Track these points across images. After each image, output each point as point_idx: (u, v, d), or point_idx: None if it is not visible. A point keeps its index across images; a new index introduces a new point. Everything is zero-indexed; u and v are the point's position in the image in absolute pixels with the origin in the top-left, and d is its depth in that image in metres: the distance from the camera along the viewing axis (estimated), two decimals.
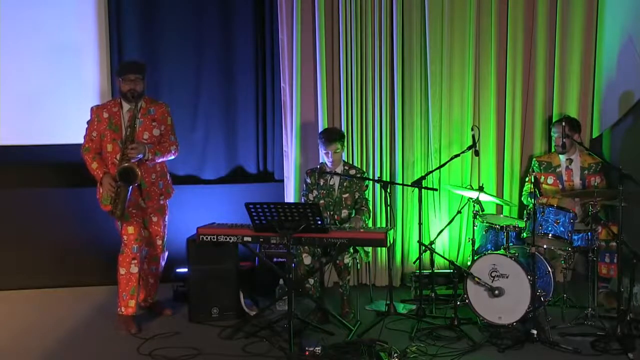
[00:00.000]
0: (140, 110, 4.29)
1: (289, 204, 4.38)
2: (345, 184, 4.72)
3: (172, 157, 4.48)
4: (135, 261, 4.28)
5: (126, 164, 4.13)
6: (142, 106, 4.31)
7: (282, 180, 5.46)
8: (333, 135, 4.67)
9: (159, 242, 4.50)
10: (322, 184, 4.73)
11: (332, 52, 5.33)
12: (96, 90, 5.50)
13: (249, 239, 4.18)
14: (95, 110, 4.33)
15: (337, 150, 4.64)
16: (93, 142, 4.30)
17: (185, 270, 4.71)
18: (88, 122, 4.35)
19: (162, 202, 4.48)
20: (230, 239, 4.21)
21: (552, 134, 5.13)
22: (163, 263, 4.63)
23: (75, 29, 5.47)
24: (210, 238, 4.23)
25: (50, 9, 5.43)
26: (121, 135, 4.25)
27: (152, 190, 4.37)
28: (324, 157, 4.71)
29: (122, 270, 4.29)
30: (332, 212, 4.69)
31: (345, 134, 5.28)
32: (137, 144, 4.19)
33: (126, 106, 4.30)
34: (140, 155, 4.20)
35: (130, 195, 4.21)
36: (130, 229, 4.27)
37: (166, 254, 4.61)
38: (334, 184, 4.73)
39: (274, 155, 5.73)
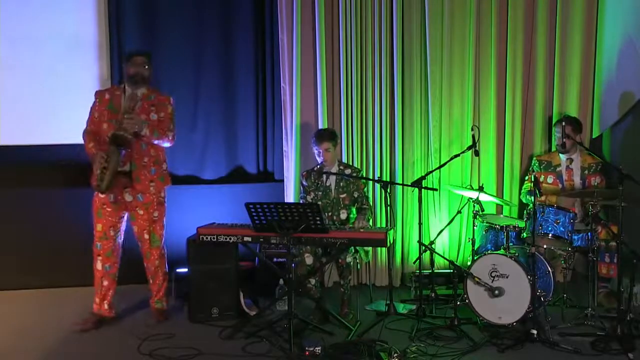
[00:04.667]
0: (142, 96, 4.32)
1: (289, 204, 4.38)
2: (341, 184, 4.72)
3: (168, 143, 4.44)
4: (100, 258, 4.35)
5: (119, 133, 4.16)
6: (144, 92, 4.36)
7: (282, 180, 5.46)
8: (324, 135, 4.70)
9: (146, 237, 4.42)
10: (319, 184, 4.73)
11: (332, 52, 5.33)
12: (97, 89, 5.49)
13: (249, 239, 4.18)
14: (99, 93, 4.41)
15: (329, 150, 4.65)
16: (94, 124, 4.33)
17: (185, 270, 4.70)
18: (91, 106, 4.39)
19: (152, 189, 4.38)
20: (230, 239, 4.20)
21: (554, 133, 5.14)
22: (162, 262, 4.52)
23: (76, 29, 5.47)
24: (210, 238, 4.22)
25: (51, 8, 5.42)
26: (118, 116, 4.24)
27: (142, 173, 4.32)
28: (317, 156, 4.73)
29: (93, 265, 4.40)
30: (330, 214, 4.69)
31: (345, 134, 5.31)
32: (134, 115, 4.21)
33: (129, 90, 4.34)
34: (136, 127, 4.19)
35: (117, 183, 4.19)
36: (99, 226, 4.34)
37: (162, 251, 4.52)
38: (331, 184, 4.74)
39: (274, 155, 5.73)
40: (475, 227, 4.67)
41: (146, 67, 4.35)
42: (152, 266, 4.50)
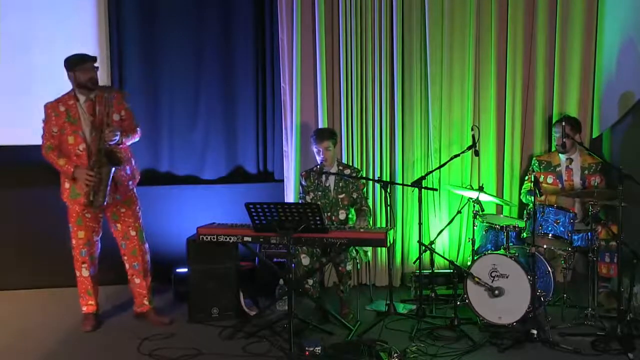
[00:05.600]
0: (97, 98, 4.25)
1: (289, 204, 4.39)
2: (340, 184, 4.72)
3: (137, 138, 4.43)
4: (86, 265, 4.35)
5: (108, 147, 4.13)
6: (97, 95, 4.27)
7: (282, 180, 5.46)
8: (324, 134, 4.70)
9: (133, 233, 4.40)
10: (318, 185, 4.73)
11: (332, 52, 5.33)
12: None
13: (249, 239, 4.18)
14: (50, 107, 4.25)
15: (329, 149, 4.66)
16: (54, 138, 4.23)
17: (185, 270, 4.70)
18: (44, 121, 4.26)
19: (131, 187, 4.39)
20: (230, 239, 4.20)
21: (553, 133, 5.14)
22: (147, 258, 4.48)
23: (75, 29, 5.46)
24: (210, 238, 4.22)
25: (49, 10, 5.42)
26: (80, 126, 4.21)
27: (120, 175, 4.30)
28: (317, 156, 4.73)
29: (77, 273, 4.39)
30: (329, 214, 4.69)
31: (345, 134, 5.30)
32: (112, 127, 4.18)
33: (82, 97, 4.25)
34: (116, 138, 4.17)
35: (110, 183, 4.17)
36: (81, 234, 4.30)
37: (146, 246, 4.48)
38: (330, 185, 4.74)
39: (274, 155, 5.73)
40: (475, 227, 4.67)
41: (95, 71, 4.26)
42: (142, 263, 4.45)
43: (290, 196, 5.36)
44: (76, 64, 4.23)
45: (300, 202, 4.84)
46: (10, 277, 5.34)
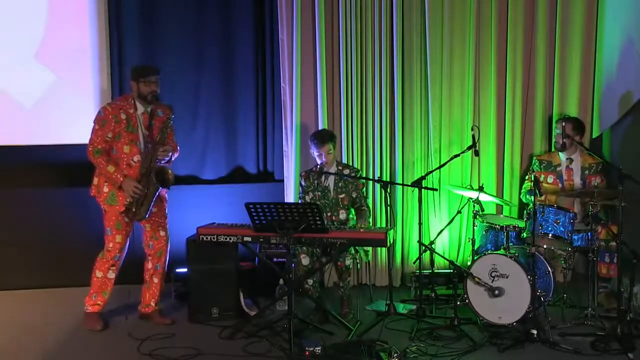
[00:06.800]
0: (153, 114, 4.30)
1: (289, 204, 4.39)
2: (340, 184, 4.72)
3: (177, 155, 4.49)
4: (114, 267, 4.34)
5: (161, 166, 4.20)
6: (153, 108, 4.32)
7: (282, 180, 5.46)
8: (324, 137, 4.69)
9: (162, 234, 4.43)
10: (317, 185, 4.73)
11: (332, 52, 5.33)
12: (96, 89, 5.49)
13: (249, 239, 4.18)
14: (112, 111, 4.19)
15: (330, 152, 4.66)
16: (107, 143, 4.19)
17: (185, 270, 4.70)
18: (99, 122, 4.20)
19: (166, 200, 4.48)
20: (230, 239, 4.20)
21: (554, 130, 5.14)
22: (167, 260, 4.53)
23: (75, 29, 5.46)
24: (210, 238, 4.22)
25: (50, 8, 5.42)
26: (137, 137, 4.23)
27: (164, 192, 4.40)
28: (317, 158, 4.73)
29: (98, 273, 4.34)
30: (329, 214, 4.69)
31: (345, 134, 5.31)
32: (167, 146, 4.24)
33: (140, 108, 4.27)
34: (168, 157, 4.26)
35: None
36: (119, 238, 4.29)
37: (168, 248, 4.53)
38: (329, 185, 4.74)
39: (274, 155, 5.73)
40: (475, 227, 4.66)
41: (158, 84, 4.29)
42: (164, 265, 4.48)
43: (290, 196, 5.36)
44: (142, 75, 4.25)
45: (299, 202, 4.84)
46: (10, 277, 5.34)
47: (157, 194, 4.22)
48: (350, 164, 5.23)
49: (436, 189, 5.14)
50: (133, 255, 4.51)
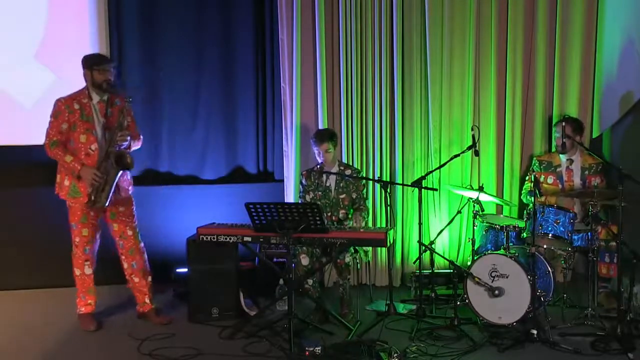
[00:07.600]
0: (109, 101, 4.27)
1: (289, 204, 4.39)
2: (341, 184, 4.72)
3: (139, 145, 4.49)
4: (89, 262, 4.34)
5: (120, 150, 4.17)
6: (109, 97, 4.29)
7: (282, 180, 5.46)
8: (324, 135, 4.70)
9: (130, 233, 4.40)
10: (318, 184, 4.73)
11: (332, 52, 5.33)
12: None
13: (249, 239, 4.18)
14: (64, 102, 4.24)
15: (329, 150, 4.66)
16: (62, 134, 4.23)
17: (185, 270, 4.70)
18: (53, 115, 4.24)
19: (130, 192, 4.42)
20: (230, 239, 4.20)
21: (553, 133, 5.14)
22: (145, 257, 4.49)
23: (75, 29, 5.46)
24: (210, 238, 4.22)
25: (50, 8, 5.42)
26: (93, 125, 4.23)
27: (123, 180, 4.34)
28: (317, 156, 4.73)
29: (77, 271, 4.36)
30: (330, 214, 4.69)
31: (345, 134, 5.31)
32: (125, 131, 4.22)
33: (95, 97, 4.28)
34: (126, 143, 4.23)
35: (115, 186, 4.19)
36: (85, 231, 4.29)
37: (142, 245, 4.47)
38: (330, 184, 4.74)
39: (274, 155, 5.73)
40: (475, 227, 4.67)
41: (112, 73, 4.29)
42: (140, 262, 4.45)
43: (290, 196, 5.36)
44: (95, 63, 4.27)
45: (300, 201, 4.84)
46: (10, 277, 5.34)
47: (116, 179, 4.18)
48: (350, 164, 5.23)
49: (436, 189, 5.14)
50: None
